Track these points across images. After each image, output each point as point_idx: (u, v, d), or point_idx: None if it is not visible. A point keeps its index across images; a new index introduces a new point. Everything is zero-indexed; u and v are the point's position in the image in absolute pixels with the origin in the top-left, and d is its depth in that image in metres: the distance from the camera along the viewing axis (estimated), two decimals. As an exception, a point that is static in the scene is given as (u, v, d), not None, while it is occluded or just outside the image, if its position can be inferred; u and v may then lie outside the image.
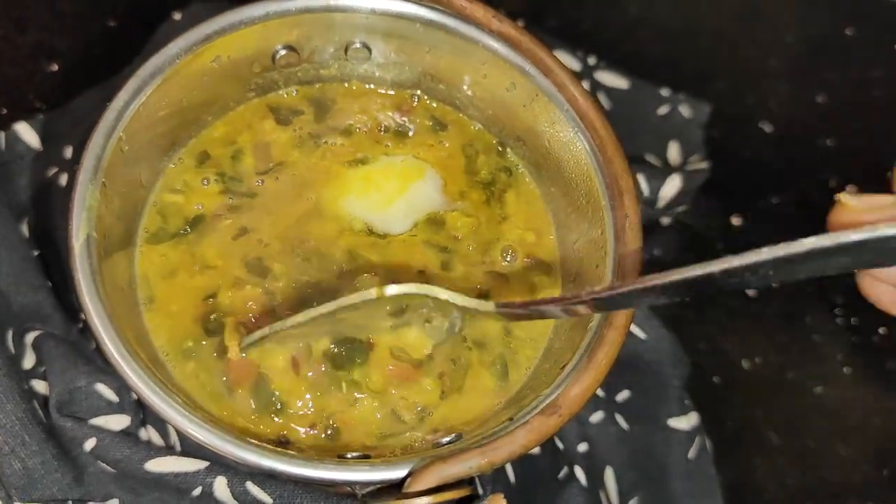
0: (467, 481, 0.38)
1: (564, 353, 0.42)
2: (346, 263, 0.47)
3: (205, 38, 0.45)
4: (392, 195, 0.49)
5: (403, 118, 0.52)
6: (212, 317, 0.46)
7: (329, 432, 0.44)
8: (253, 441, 0.39)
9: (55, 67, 0.61)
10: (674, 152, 0.63)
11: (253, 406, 0.44)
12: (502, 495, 0.36)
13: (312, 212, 0.49)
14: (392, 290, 0.38)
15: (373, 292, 0.38)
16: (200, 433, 0.38)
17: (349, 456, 0.43)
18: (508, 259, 0.49)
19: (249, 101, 0.51)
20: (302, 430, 0.44)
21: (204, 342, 0.45)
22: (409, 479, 0.37)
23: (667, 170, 0.60)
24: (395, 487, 0.37)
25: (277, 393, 0.44)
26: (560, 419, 0.37)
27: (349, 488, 0.41)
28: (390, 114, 0.52)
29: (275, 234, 0.48)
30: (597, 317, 0.41)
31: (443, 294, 0.38)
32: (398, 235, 0.49)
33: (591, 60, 0.65)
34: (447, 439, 0.43)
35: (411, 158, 0.50)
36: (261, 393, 0.44)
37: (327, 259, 0.47)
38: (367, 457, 0.43)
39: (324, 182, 0.50)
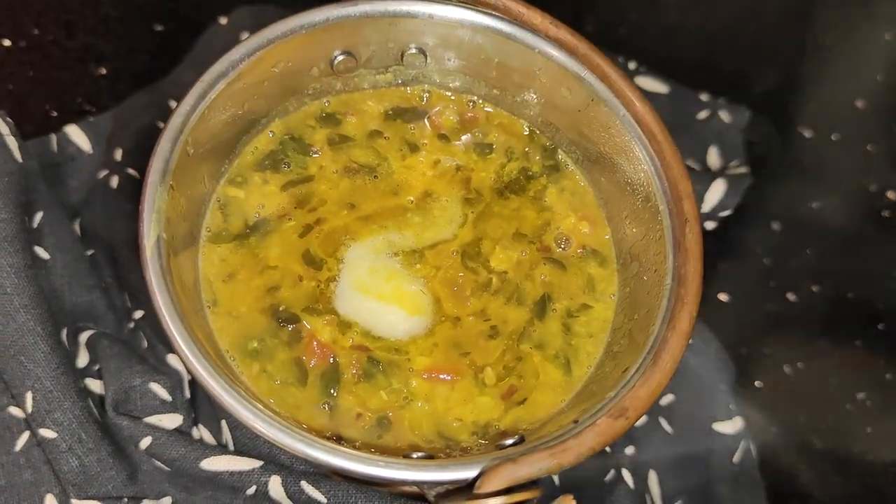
0: (533, 483, 0.38)
1: (626, 356, 0.43)
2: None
3: (266, 43, 0.46)
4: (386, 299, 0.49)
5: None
6: (280, 308, 0.47)
7: (379, 431, 0.45)
8: (324, 441, 0.39)
9: (103, 71, 0.62)
10: (713, 157, 0.63)
11: (318, 394, 0.45)
12: (571, 496, 0.36)
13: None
14: None
15: None
16: (273, 432, 0.39)
17: (414, 456, 0.43)
18: (563, 247, 0.50)
19: (307, 106, 0.52)
20: (352, 426, 0.45)
21: (277, 331, 0.46)
22: (480, 480, 0.37)
23: (710, 175, 0.60)
24: (465, 488, 0.38)
25: (337, 385, 0.46)
26: (627, 422, 0.38)
27: (415, 488, 0.41)
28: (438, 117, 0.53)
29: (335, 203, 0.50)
30: (658, 320, 0.41)
31: None
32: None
33: (631, 65, 0.65)
34: (510, 441, 0.44)
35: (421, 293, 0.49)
36: (329, 377, 0.45)
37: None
38: (430, 457, 0.43)
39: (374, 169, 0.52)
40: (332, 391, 0.45)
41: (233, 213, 0.49)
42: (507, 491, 0.37)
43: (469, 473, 0.38)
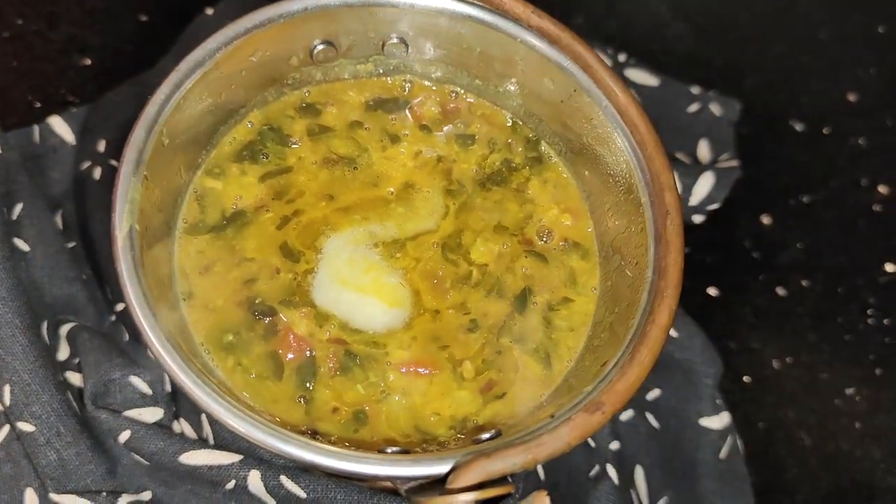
0: (508, 478, 0.38)
1: (606, 350, 0.42)
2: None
3: (244, 31, 0.45)
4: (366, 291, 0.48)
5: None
6: (256, 301, 0.46)
7: (355, 425, 0.45)
8: (296, 436, 0.39)
9: (87, 62, 0.61)
10: (704, 150, 0.62)
11: (294, 387, 0.45)
12: (546, 493, 0.36)
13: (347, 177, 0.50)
14: None
15: None
16: (244, 427, 0.38)
17: (389, 451, 0.43)
18: (545, 239, 0.49)
19: (287, 96, 0.52)
20: (328, 420, 0.45)
21: (253, 324, 0.46)
22: (452, 475, 0.37)
23: (698, 168, 0.60)
24: (438, 483, 0.37)
25: (313, 378, 0.45)
26: (604, 416, 0.37)
27: (390, 483, 0.40)
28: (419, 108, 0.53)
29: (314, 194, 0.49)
30: (639, 313, 0.41)
31: None
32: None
33: (621, 58, 0.65)
34: (486, 436, 0.43)
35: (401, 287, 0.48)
36: (305, 371, 0.45)
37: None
38: (406, 452, 0.43)
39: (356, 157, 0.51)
40: (308, 385, 0.45)
41: (210, 205, 0.48)
42: (479, 486, 0.36)
43: (442, 468, 0.38)
